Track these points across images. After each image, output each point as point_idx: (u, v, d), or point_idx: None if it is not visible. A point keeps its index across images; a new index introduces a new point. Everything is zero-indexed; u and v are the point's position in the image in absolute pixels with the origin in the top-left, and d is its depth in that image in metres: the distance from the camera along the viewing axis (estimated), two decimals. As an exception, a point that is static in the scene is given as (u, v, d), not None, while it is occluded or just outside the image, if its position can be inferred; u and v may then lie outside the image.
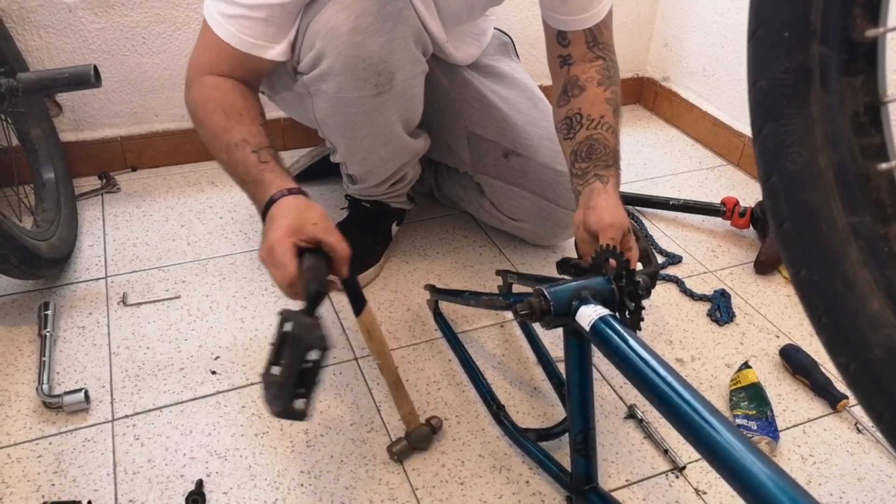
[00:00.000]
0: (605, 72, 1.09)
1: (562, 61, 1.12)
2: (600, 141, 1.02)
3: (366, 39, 0.99)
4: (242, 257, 1.34)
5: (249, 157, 0.96)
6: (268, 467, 0.94)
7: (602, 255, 0.85)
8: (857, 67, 0.42)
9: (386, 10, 0.99)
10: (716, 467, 0.58)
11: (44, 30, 1.43)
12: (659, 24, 1.97)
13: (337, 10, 0.98)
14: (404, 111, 1.12)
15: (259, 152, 0.96)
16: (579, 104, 1.07)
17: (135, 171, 1.62)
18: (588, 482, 0.85)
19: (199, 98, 1.02)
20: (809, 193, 0.45)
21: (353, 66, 1.01)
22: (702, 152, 1.82)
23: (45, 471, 0.93)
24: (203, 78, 1.02)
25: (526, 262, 1.37)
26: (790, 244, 0.46)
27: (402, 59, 1.04)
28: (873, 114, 0.42)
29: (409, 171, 1.26)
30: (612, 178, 0.99)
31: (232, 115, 0.99)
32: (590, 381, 0.83)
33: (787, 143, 0.45)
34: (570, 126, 1.07)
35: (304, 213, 0.89)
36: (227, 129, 0.98)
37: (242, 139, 0.96)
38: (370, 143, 1.13)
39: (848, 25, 0.42)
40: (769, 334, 1.21)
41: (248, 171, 0.96)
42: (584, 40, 1.09)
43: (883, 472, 0.97)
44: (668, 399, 0.64)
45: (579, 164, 1.02)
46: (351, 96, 1.04)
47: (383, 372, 0.97)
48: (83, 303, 1.22)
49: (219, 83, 1.01)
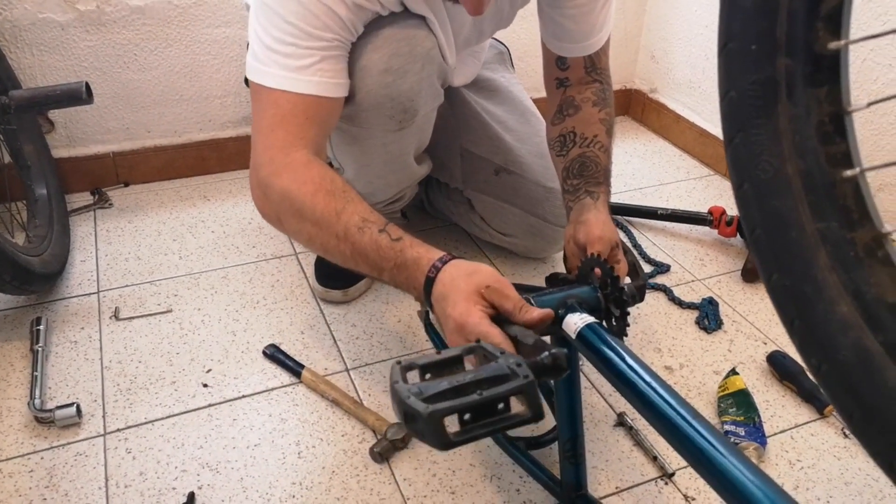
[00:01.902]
0: (601, 94, 1.11)
1: (559, 83, 1.14)
2: (592, 159, 1.04)
3: (397, 80, 0.98)
4: (234, 271, 1.35)
5: (379, 238, 0.84)
6: (259, 479, 0.95)
7: (588, 265, 0.87)
8: (822, 78, 0.44)
9: (417, 52, 0.99)
10: (701, 473, 0.59)
11: (36, 47, 1.44)
12: (645, 36, 2.00)
13: (370, 50, 0.97)
14: (418, 141, 1.15)
15: (387, 230, 0.85)
16: (573, 123, 1.09)
17: (127, 187, 1.63)
18: (577, 489, 0.85)
19: (293, 183, 0.88)
20: (779, 201, 0.46)
21: (382, 105, 1.00)
22: (689, 162, 1.84)
23: (36, 485, 0.93)
24: (290, 157, 0.89)
25: (516, 272, 1.38)
26: (762, 250, 0.48)
27: (426, 96, 1.05)
28: (838, 123, 0.44)
29: (407, 192, 1.28)
30: (602, 194, 1.01)
31: (337, 194, 0.87)
32: (577, 388, 0.84)
33: (756, 153, 0.47)
34: (564, 143, 1.09)
35: (473, 277, 0.79)
36: (340, 211, 0.86)
37: (363, 219, 0.85)
38: (381, 170, 1.15)
39: (811, 38, 0.43)
40: (756, 341, 1.22)
41: (384, 255, 0.84)
42: (583, 66, 1.12)
43: (870, 476, 0.98)
44: (653, 405, 0.65)
45: (571, 180, 1.04)
46: (374, 130, 1.05)
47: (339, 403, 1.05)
48: (75, 317, 1.22)
49: (310, 161, 0.89)
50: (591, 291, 0.84)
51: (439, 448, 0.56)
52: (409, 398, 0.55)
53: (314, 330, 1.21)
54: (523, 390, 0.57)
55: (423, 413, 0.54)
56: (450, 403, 0.54)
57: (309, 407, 1.06)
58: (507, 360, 0.59)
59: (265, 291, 1.30)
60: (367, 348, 1.18)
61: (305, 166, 0.89)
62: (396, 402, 0.57)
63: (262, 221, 1.47)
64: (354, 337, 1.20)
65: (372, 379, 1.11)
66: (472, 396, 0.55)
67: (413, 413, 0.55)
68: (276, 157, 0.90)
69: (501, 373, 0.58)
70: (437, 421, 0.54)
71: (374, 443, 0.98)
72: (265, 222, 0.98)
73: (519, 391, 0.57)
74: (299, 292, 1.30)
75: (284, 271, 1.35)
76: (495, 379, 0.58)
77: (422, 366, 0.61)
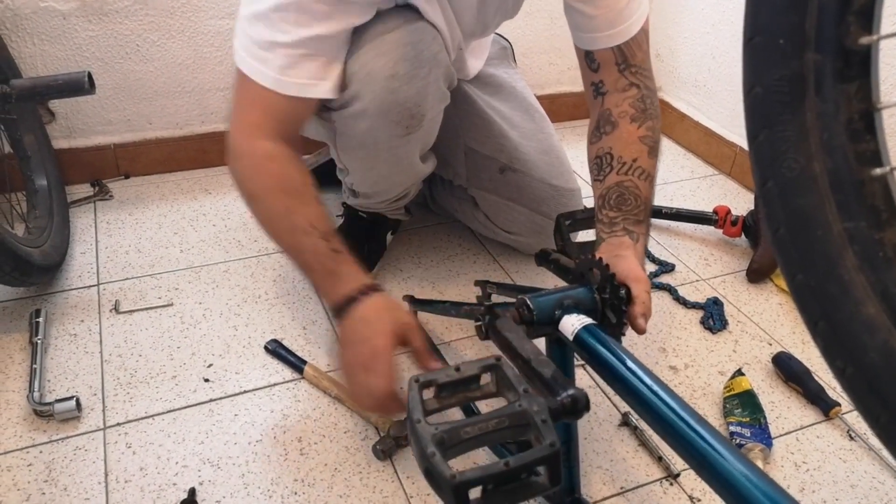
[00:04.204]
0: (640, 104, 1.01)
1: (595, 90, 1.05)
2: (631, 190, 0.95)
3: (403, 86, 0.97)
4: (235, 265, 1.34)
5: (319, 244, 0.89)
6: (261, 475, 0.94)
7: (585, 265, 0.85)
8: (852, 74, 0.43)
9: (423, 57, 0.97)
10: (703, 476, 0.58)
11: (37, 37, 1.43)
12: (651, 35, 1.98)
13: (375, 55, 0.95)
14: (424, 143, 1.13)
15: (329, 240, 0.90)
16: (610, 143, 1.00)
17: (128, 179, 1.61)
18: (571, 493, 0.84)
19: (251, 171, 0.93)
20: (805, 199, 0.45)
21: (388, 111, 0.99)
22: (694, 162, 1.83)
23: (35, 479, 0.92)
24: (253, 145, 0.92)
25: (520, 270, 1.37)
26: (786, 249, 0.47)
27: (433, 100, 1.04)
28: (867, 120, 0.43)
29: (412, 189, 1.27)
30: (642, 236, 0.93)
31: (292, 194, 0.92)
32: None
33: (782, 150, 0.46)
34: (601, 167, 1.00)
35: (395, 312, 0.86)
36: (291, 210, 0.91)
37: (310, 224, 0.90)
38: (387, 172, 1.13)
39: (842, 33, 0.42)
40: (762, 342, 1.22)
41: (320, 261, 0.90)
42: (614, 61, 1.02)
43: (875, 479, 0.98)
44: (653, 408, 0.64)
45: (607, 210, 0.96)
46: (380, 136, 1.03)
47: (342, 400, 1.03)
48: (75, 310, 1.21)
49: (273, 154, 0.92)
50: (588, 292, 0.83)
51: None
52: (434, 456, 0.53)
53: (316, 326, 1.20)
54: (549, 461, 0.54)
55: (450, 483, 0.51)
56: (476, 475, 0.52)
57: (311, 403, 1.05)
58: (530, 403, 0.57)
59: (267, 286, 1.29)
60: (369, 345, 1.16)
61: (267, 158, 0.92)
62: (418, 454, 0.54)
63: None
64: (357, 333, 1.19)
65: (375, 375, 1.10)
66: (499, 465, 0.53)
67: (436, 475, 0.52)
68: (241, 142, 0.93)
69: (524, 422, 0.56)
70: (463, 493, 0.52)
71: (376, 440, 0.97)
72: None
73: (545, 462, 0.54)
74: (301, 287, 1.29)
75: (286, 266, 1.34)
76: (518, 428, 0.56)
77: (440, 385, 0.59)
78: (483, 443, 0.56)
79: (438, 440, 0.53)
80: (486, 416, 0.56)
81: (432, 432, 0.54)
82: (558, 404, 0.62)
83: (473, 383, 0.61)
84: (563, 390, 0.63)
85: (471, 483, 0.52)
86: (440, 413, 0.60)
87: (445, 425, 0.55)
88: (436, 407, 0.59)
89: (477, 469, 0.52)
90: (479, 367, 0.61)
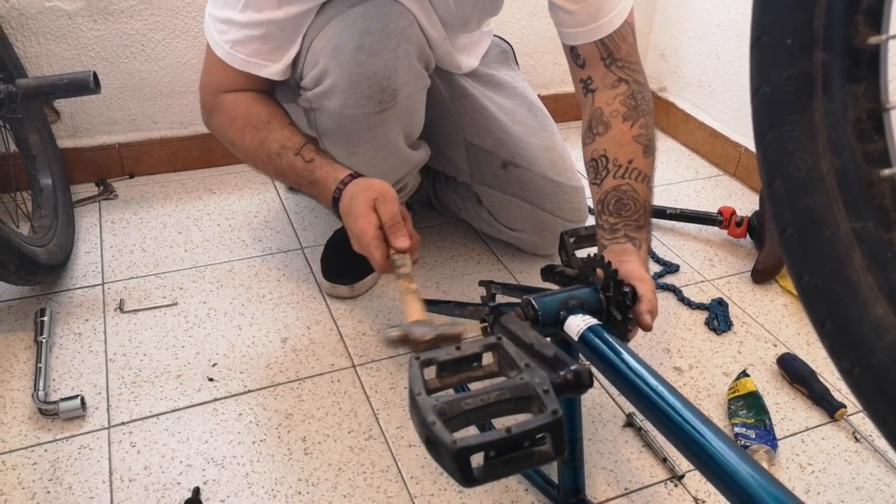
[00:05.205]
0: (631, 100, 1.00)
1: (584, 87, 1.05)
2: (629, 194, 0.95)
3: (370, 58, 0.99)
4: (240, 264, 1.34)
5: (295, 161, 0.98)
6: (265, 475, 0.94)
7: (589, 265, 0.85)
8: (860, 74, 0.43)
9: (390, 29, 0.99)
10: (708, 477, 0.58)
11: (43, 36, 1.43)
12: (655, 35, 1.99)
13: (341, 29, 0.98)
14: (406, 125, 1.12)
15: (301, 153, 0.98)
16: (605, 145, 0.99)
17: (132, 178, 1.61)
18: (575, 494, 0.84)
19: (223, 120, 1.03)
20: (812, 199, 0.45)
21: (357, 84, 1.00)
22: (698, 162, 1.83)
23: (40, 478, 0.92)
24: (219, 99, 1.02)
25: (524, 270, 1.37)
26: (793, 250, 0.47)
27: (405, 76, 1.04)
28: (876, 120, 0.43)
29: (409, 181, 1.26)
30: (644, 242, 0.93)
31: (261, 126, 1.00)
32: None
33: (790, 150, 0.45)
34: (597, 170, 0.99)
35: (367, 192, 0.94)
36: (263, 140, 0.99)
37: (281, 146, 0.98)
38: (372, 157, 1.13)
39: (850, 33, 0.42)
40: (767, 343, 1.21)
41: (300, 175, 0.98)
42: (599, 56, 1.01)
43: (881, 481, 0.97)
44: (658, 408, 0.64)
45: (606, 216, 0.96)
46: (354, 113, 1.04)
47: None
48: (80, 309, 1.21)
49: (237, 99, 1.02)
50: (593, 293, 0.82)
51: (462, 484, 0.53)
52: (434, 424, 0.52)
53: (320, 325, 1.20)
54: (551, 428, 0.53)
55: (451, 449, 0.50)
56: (478, 441, 0.51)
57: (315, 403, 1.05)
58: (532, 375, 0.57)
59: (271, 286, 1.29)
60: (373, 345, 1.16)
61: (233, 104, 1.02)
62: (419, 424, 0.54)
63: (269, 215, 1.48)
64: (361, 333, 1.19)
65: (378, 375, 1.10)
66: (501, 432, 0.52)
67: (437, 443, 0.52)
68: (210, 99, 1.05)
69: (526, 394, 0.56)
70: (464, 458, 0.51)
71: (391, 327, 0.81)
72: (271, 217, 1.02)
73: (547, 429, 0.53)
74: (305, 287, 1.29)
75: (290, 266, 1.34)
76: (520, 400, 0.56)
77: (441, 363, 0.59)
78: (485, 416, 0.55)
79: (439, 410, 0.53)
80: (487, 388, 0.56)
81: (433, 403, 0.54)
82: (561, 378, 0.61)
83: (475, 362, 0.61)
84: (565, 367, 0.63)
85: (472, 449, 0.51)
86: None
87: (446, 397, 0.55)
88: (437, 386, 0.59)
89: (478, 436, 0.52)
90: (480, 346, 0.61)
